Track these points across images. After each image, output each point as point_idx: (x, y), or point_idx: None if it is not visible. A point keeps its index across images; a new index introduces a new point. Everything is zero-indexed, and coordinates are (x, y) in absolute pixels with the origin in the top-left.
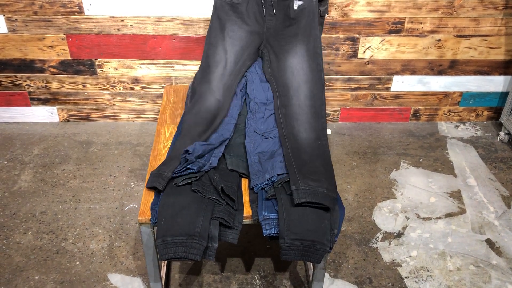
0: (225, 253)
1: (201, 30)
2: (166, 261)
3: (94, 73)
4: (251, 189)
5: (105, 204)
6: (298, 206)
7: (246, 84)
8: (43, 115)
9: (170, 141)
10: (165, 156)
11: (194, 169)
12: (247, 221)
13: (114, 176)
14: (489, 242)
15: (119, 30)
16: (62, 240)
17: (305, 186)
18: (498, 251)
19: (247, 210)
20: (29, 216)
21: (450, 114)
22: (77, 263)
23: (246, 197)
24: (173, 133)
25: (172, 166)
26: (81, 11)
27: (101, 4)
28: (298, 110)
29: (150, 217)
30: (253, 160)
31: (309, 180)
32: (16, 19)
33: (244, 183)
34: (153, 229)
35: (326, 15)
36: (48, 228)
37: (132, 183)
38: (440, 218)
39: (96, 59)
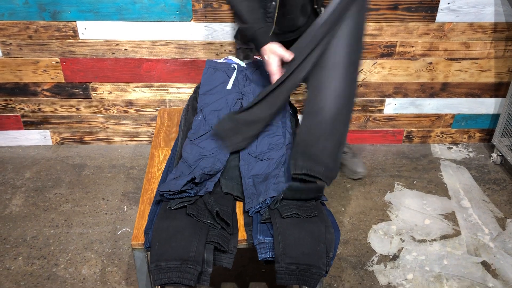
0: (219, 278)
1: (195, 54)
2: (159, 287)
3: (88, 96)
4: (245, 212)
5: (98, 228)
6: (295, 178)
7: (242, 107)
8: (36, 138)
9: (164, 164)
10: (159, 179)
11: (191, 194)
12: (242, 245)
13: (107, 200)
14: (485, 264)
15: (113, 53)
16: (54, 265)
17: (303, 163)
18: (494, 274)
19: (241, 234)
20: (19, 241)
21: (442, 136)
22: None
23: (241, 221)
24: (167, 156)
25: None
26: (75, 35)
27: (96, 28)
28: (333, 60)
29: (143, 242)
30: (248, 183)
31: (310, 160)
32: (10, 43)
33: (239, 206)
34: (147, 254)
35: None
36: (39, 253)
37: (125, 207)
38: (435, 240)
39: (90, 83)
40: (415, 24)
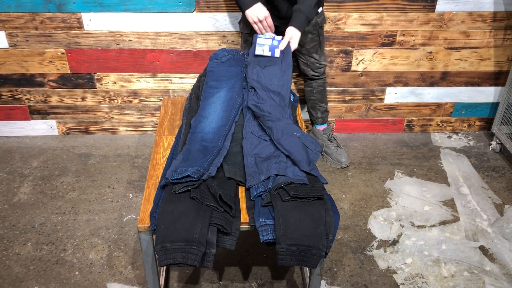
0: (223, 262)
1: (198, 44)
2: (164, 270)
3: (93, 86)
4: (247, 189)
5: (104, 215)
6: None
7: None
8: (43, 128)
9: (168, 151)
10: (164, 165)
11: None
12: (244, 227)
13: (113, 188)
14: (482, 249)
15: (118, 44)
16: (62, 250)
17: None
18: (492, 258)
19: (244, 217)
20: (28, 228)
21: (442, 125)
22: (76, 273)
23: (243, 204)
24: (171, 144)
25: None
26: (80, 26)
27: (100, 20)
28: None
29: (149, 225)
30: (250, 161)
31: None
32: (17, 35)
33: (241, 191)
34: (152, 236)
35: (324, 25)
36: (48, 239)
37: (131, 195)
38: (434, 226)
39: (95, 73)
40: (415, 14)
